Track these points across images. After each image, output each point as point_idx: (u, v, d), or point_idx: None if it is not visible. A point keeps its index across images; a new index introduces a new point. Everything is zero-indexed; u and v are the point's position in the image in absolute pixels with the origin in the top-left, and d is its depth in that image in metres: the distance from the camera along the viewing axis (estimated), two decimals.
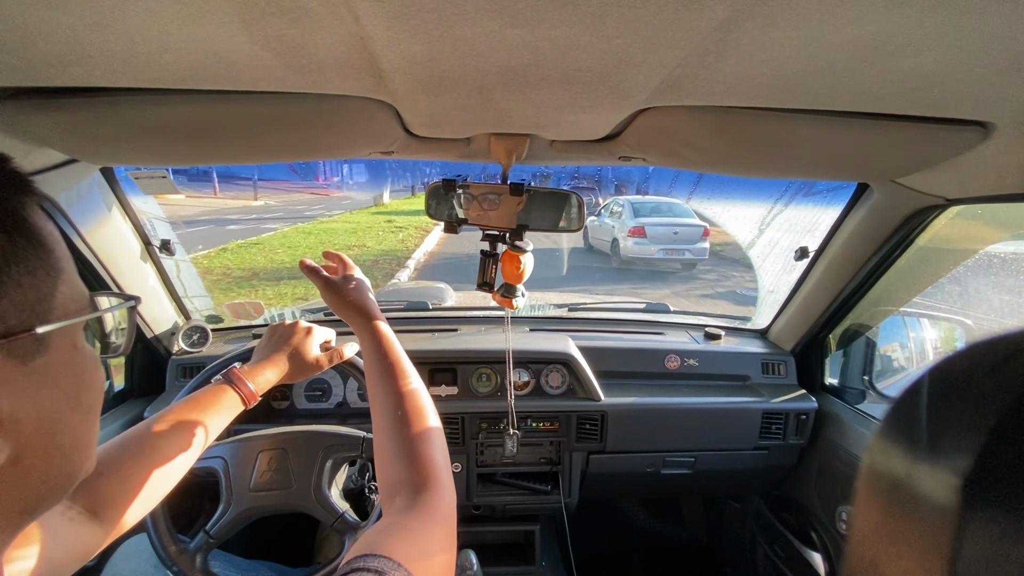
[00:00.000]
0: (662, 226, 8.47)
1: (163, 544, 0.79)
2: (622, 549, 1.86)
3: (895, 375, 1.42)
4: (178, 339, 1.30)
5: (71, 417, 0.32)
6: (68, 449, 0.32)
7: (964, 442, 0.21)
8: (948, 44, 0.39)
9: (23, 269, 0.28)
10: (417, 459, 0.56)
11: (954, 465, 0.21)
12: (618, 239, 8.68)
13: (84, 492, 0.51)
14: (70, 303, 0.32)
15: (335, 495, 0.84)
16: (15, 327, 0.28)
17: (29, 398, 0.29)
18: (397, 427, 0.59)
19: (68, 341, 0.32)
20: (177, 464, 0.62)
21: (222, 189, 20.99)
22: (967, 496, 0.20)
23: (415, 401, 0.62)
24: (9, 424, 0.27)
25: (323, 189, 26.21)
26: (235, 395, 0.69)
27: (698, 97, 0.55)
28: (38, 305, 0.29)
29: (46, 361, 0.30)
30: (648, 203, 9.38)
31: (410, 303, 1.71)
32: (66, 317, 0.31)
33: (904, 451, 0.25)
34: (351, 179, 27.92)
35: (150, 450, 0.60)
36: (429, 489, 0.53)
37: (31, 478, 0.30)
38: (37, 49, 0.43)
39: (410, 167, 30.67)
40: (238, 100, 0.56)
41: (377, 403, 0.63)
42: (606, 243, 9.25)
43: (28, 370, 0.29)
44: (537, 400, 1.31)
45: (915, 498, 0.23)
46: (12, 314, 0.27)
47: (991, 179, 0.72)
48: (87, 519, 0.51)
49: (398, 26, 0.38)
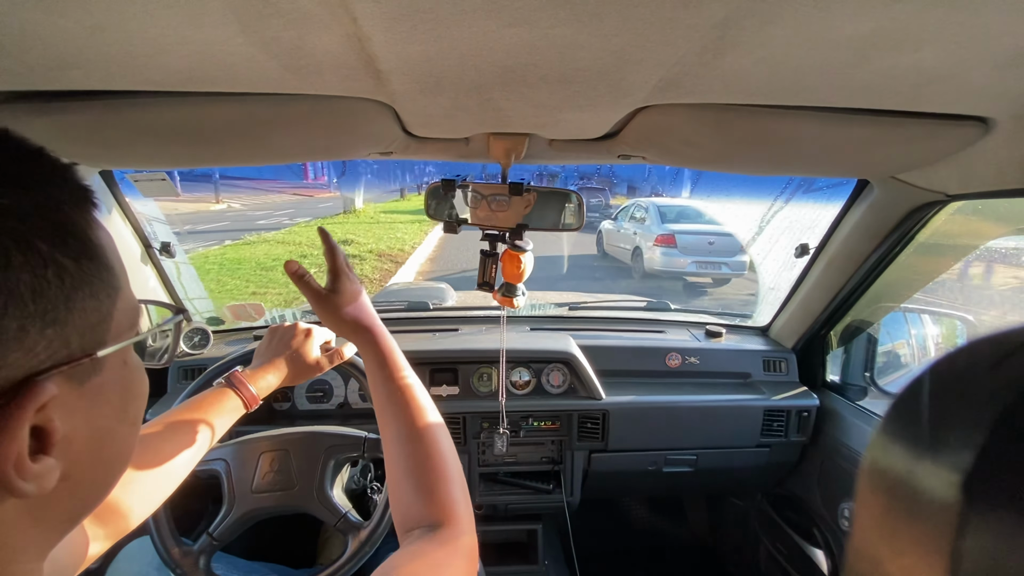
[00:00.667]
0: (695, 235, 7.04)
1: (166, 547, 0.79)
2: (624, 548, 1.86)
3: (896, 371, 1.42)
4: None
5: (118, 430, 0.32)
6: (112, 460, 0.32)
7: (965, 438, 0.21)
8: (947, 40, 0.39)
9: (87, 293, 0.27)
10: (436, 497, 0.54)
11: (956, 461, 0.21)
12: (642, 248, 7.50)
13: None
14: (124, 320, 0.31)
15: (337, 495, 0.84)
16: (76, 352, 0.27)
17: (82, 418, 0.28)
18: (411, 461, 0.57)
19: (120, 359, 0.31)
20: (179, 466, 0.62)
21: (185, 190, 17.13)
22: (968, 493, 0.20)
23: (429, 432, 0.59)
24: (63, 445, 0.27)
25: (308, 189, 24.06)
26: (237, 399, 0.69)
27: (697, 95, 0.55)
28: (98, 327, 0.28)
29: (100, 381, 0.29)
30: (676, 207, 8.05)
31: (411, 303, 1.71)
32: (121, 336, 0.30)
33: (905, 448, 0.25)
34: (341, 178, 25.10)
35: (152, 453, 0.60)
36: (449, 525, 0.52)
37: (78, 491, 0.30)
38: (35, 53, 0.43)
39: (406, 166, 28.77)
40: (237, 102, 0.56)
41: (387, 432, 0.60)
42: (626, 251, 8.14)
43: (83, 392, 0.28)
44: (538, 399, 1.31)
45: (917, 495, 0.23)
46: (75, 340, 0.27)
47: (991, 174, 0.72)
48: (89, 522, 0.50)
49: (396, 27, 0.38)
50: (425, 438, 0.58)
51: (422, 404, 0.61)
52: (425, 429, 0.59)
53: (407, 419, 0.59)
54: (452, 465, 0.57)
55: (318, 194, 23.71)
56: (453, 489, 0.55)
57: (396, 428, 0.59)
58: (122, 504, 0.54)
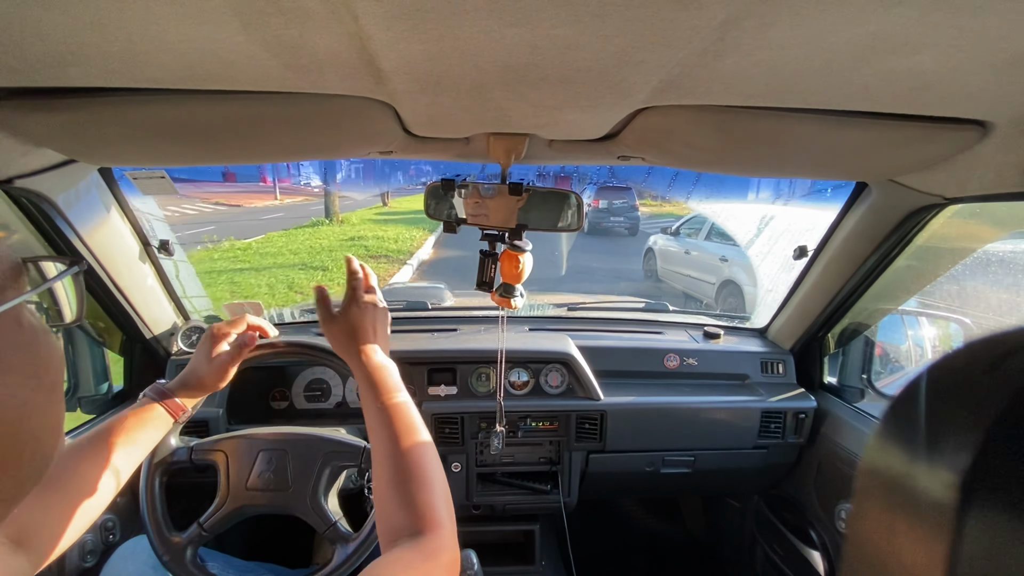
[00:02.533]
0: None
1: (155, 533, 0.79)
2: (622, 548, 1.86)
3: (894, 373, 1.43)
4: (177, 339, 1.29)
5: (35, 399, 0.30)
6: (38, 432, 0.31)
7: (962, 440, 0.22)
8: (946, 43, 0.40)
9: None
10: (417, 505, 0.55)
11: (952, 463, 0.21)
12: (740, 285, 4.80)
13: (6, 522, 0.50)
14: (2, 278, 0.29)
15: (331, 503, 0.84)
16: None
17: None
18: (396, 473, 0.58)
19: (12, 320, 0.29)
20: (104, 487, 0.60)
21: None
22: (965, 494, 0.21)
23: (415, 449, 0.60)
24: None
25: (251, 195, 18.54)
26: (161, 410, 0.69)
27: (697, 96, 0.55)
28: None
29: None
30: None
31: (409, 303, 1.71)
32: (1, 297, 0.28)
33: (902, 449, 0.25)
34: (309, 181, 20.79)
35: (73, 474, 0.58)
36: (431, 533, 0.52)
37: (7, 468, 0.29)
38: (35, 49, 0.43)
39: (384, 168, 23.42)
40: (237, 100, 0.56)
41: (375, 449, 0.62)
42: (701, 283, 5.53)
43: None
44: (536, 400, 1.31)
45: (914, 496, 0.23)
46: None
47: (989, 178, 0.73)
48: (11, 550, 0.49)
49: (397, 25, 0.38)
50: (410, 454, 0.59)
51: (409, 424, 0.62)
52: (411, 447, 0.60)
53: (393, 437, 0.61)
54: (436, 477, 0.58)
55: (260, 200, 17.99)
56: (435, 499, 0.56)
57: (383, 446, 0.61)
58: (44, 529, 0.53)
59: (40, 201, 0.85)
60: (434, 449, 0.62)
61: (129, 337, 1.22)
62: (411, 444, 0.60)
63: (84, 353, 1.22)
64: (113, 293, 1.09)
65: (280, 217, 14.18)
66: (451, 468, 1.30)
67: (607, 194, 10.96)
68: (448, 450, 1.29)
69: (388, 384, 0.66)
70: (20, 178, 0.78)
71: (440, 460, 0.62)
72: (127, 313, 1.14)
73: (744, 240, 5.23)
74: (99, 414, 1.18)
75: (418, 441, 0.61)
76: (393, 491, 0.57)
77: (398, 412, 0.63)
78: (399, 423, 0.62)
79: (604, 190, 11.02)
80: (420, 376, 1.29)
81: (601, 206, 10.78)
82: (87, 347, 1.22)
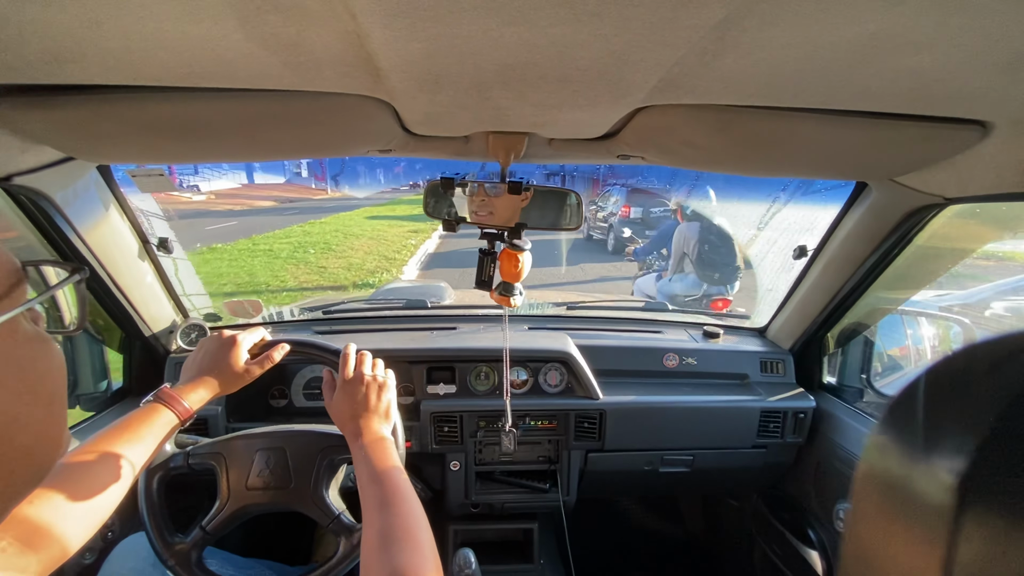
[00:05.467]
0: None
1: (158, 539, 0.79)
2: (620, 547, 1.87)
3: (893, 374, 1.43)
4: (176, 337, 1.29)
5: (30, 413, 0.28)
6: (31, 447, 0.29)
7: (960, 442, 0.21)
8: (946, 43, 0.39)
9: None
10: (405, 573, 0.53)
11: (950, 465, 0.21)
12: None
13: (15, 523, 0.48)
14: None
15: (332, 496, 0.84)
16: None
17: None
18: (386, 552, 0.56)
19: (7, 331, 0.28)
20: (112, 489, 0.60)
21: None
22: (963, 496, 0.20)
23: (409, 531, 0.59)
24: None
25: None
26: (169, 413, 0.69)
27: (696, 96, 0.55)
28: None
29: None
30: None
31: (409, 301, 1.71)
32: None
33: (901, 450, 0.25)
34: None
35: (82, 477, 0.58)
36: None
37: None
38: (33, 47, 0.43)
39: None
40: (235, 98, 0.56)
41: (369, 527, 0.60)
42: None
43: None
44: (535, 399, 1.31)
45: (911, 497, 0.23)
46: None
47: (990, 178, 0.72)
48: (20, 550, 0.48)
49: (395, 23, 0.38)
50: (401, 531, 0.58)
51: (399, 508, 0.61)
52: (404, 526, 0.59)
53: (386, 517, 0.60)
54: (427, 547, 0.57)
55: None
56: (425, 566, 0.54)
57: (375, 521, 0.60)
58: (53, 531, 0.52)
59: (39, 199, 0.85)
60: (425, 520, 0.61)
61: (128, 335, 1.22)
62: (403, 526, 0.59)
63: (83, 351, 1.22)
64: (112, 291, 1.09)
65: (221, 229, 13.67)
66: (450, 467, 1.30)
67: (641, 199, 8.26)
68: (447, 448, 1.29)
69: (381, 467, 0.67)
70: (19, 175, 0.78)
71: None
72: (126, 311, 1.14)
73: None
74: (98, 412, 1.18)
75: (412, 517, 0.60)
76: (380, 560, 0.55)
77: (389, 494, 0.63)
78: (394, 505, 0.61)
79: (636, 194, 8.57)
80: (419, 374, 1.29)
81: (633, 215, 8.08)
82: (86, 345, 1.22)
